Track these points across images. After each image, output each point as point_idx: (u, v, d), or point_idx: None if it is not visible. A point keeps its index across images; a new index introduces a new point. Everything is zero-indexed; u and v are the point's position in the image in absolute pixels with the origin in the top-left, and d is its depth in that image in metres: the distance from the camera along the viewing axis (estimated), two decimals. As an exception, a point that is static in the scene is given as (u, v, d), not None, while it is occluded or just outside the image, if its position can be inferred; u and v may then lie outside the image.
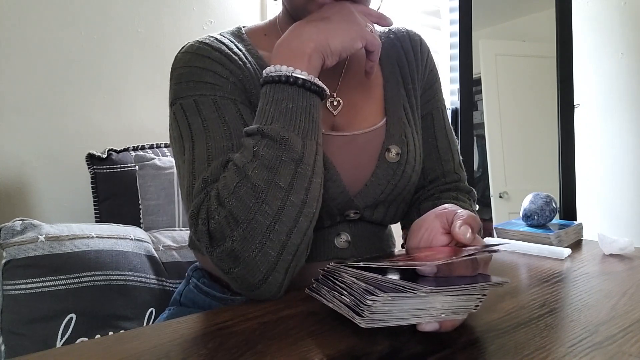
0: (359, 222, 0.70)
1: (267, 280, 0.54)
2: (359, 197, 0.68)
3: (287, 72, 0.57)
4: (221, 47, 0.67)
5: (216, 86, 0.63)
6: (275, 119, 0.55)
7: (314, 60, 0.58)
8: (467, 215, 0.51)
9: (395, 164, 0.69)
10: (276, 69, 0.57)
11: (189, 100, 0.63)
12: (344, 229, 0.69)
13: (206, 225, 0.53)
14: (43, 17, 1.20)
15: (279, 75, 0.57)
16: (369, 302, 0.41)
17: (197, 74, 0.64)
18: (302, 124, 0.56)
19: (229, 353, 0.43)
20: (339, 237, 0.69)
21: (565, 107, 1.81)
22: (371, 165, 0.68)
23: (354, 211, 0.68)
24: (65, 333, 0.85)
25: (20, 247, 0.87)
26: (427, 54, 0.80)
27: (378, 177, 0.68)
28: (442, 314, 0.44)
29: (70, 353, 0.44)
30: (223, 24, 1.49)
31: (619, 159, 2.12)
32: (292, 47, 0.58)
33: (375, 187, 0.68)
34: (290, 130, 0.55)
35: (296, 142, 0.55)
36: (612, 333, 0.47)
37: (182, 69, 0.65)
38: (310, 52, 0.58)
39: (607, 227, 2.10)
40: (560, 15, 1.82)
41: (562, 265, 0.74)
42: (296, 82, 0.56)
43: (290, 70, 0.57)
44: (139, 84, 1.35)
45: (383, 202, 0.70)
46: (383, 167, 0.68)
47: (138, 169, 1.16)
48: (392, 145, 0.69)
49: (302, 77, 0.57)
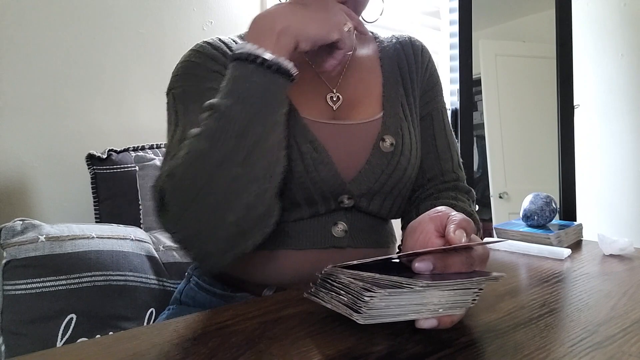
0: (356, 212, 0.71)
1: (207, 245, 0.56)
2: (353, 184, 0.69)
3: (249, 49, 0.57)
4: (221, 46, 0.71)
5: (205, 79, 0.67)
6: (229, 95, 0.56)
7: (283, 40, 0.58)
8: (460, 218, 0.51)
9: (390, 154, 0.70)
10: (241, 47, 0.58)
11: (179, 90, 0.68)
12: (341, 218, 0.70)
13: (158, 192, 0.56)
14: (43, 17, 1.20)
15: (241, 52, 0.57)
16: (366, 299, 0.41)
17: (191, 68, 0.69)
18: (255, 102, 0.56)
19: (229, 352, 0.43)
20: (336, 226, 0.70)
21: (565, 107, 1.81)
22: (365, 154, 0.70)
23: (348, 196, 0.69)
24: (65, 333, 0.85)
25: (21, 247, 0.87)
26: (428, 58, 0.82)
27: (372, 165, 0.69)
28: (440, 309, 0.44)
29: (70, 353, 0.44)
30: (223, 24, 1.50)
31: (619, 159, 2.12)
32: (262, 25, 0.59)
33: (369, 175, 0.69)
34: (240, 105, 0.55)
35: (241, 117, 0.55)
36: (612, 333, 0.47)
37: (181, 64, 0.71)
38: (280, 31, 0.57)
39: (607, 228, 2.10)
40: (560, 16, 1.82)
41: (562, 265, 0.74)
42: (255, 60, 0.56)
43: (254, 48, 0.57)
44: (139, 84, 1.35)
45: (379, 193, 0.71)
46: (377, 156, 0.70)
47: (138, 170, 1.16)
48: (386, 135, 0.71)
49: (263, 57, 0.56)
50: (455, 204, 0.71)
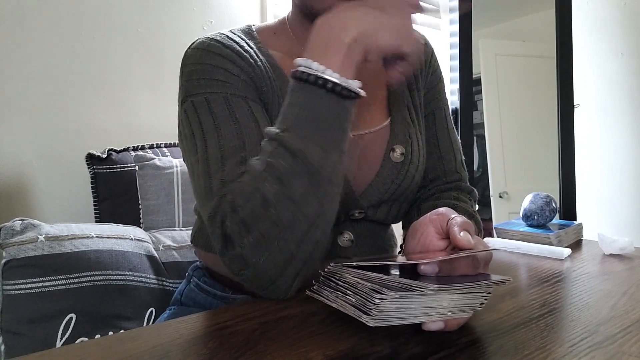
0: (362, 221, 0.70)
1: (276, 283, 0.54)
2: (364, 197, 0.68)
3: (316, 71, 0.50)
4: (232, 44, 0.65)
5: (227, 84, 0.62)
6: (296, 126, 0.51)
7: (352, 54, 0.51)
8: (462, 221, 0.50)
9: (400, 164, 0.69)
10: (306, 65, 0.51)
11: (200, 97, 0.61)
12: (347, 228, 0.69)
13: (220, 229, 0.53)
14: (43, 17, 1.20)
15: (307, 73, 0.51)
16: (376, 301, 0.41)
17: (209, 72, 0.62)
18: (325, 133, 0.51)
19: (229, 353, 0.43)
20: (342, 236, 0.69)
21: (565, 107, 1.81)
22: (376, 165, 0.68)
23: (359, 211, 0.68)
24: (65, 333, 0.85)
25: (20, 247, 0.87)
26: (431, 54, 0.80)
27: (382, 176, 0.68)
28: (449, 312, 0.44)
29: (70, 353, 0.44)
30: (223, 24, 1.49)
31: (619, 159, 2.12)
32: (330, 33, 0.51)
33: (380, 186, 0.68)
34: (310, 140, 0.51)
35: (314, 154, 0.51)
36: (612, 333, 0.47)
37: (193, 66, 0.64)
38: (350, 43, 0.50)
39: (607, 227, 2.10)
40: (560, 16, 1.82)
41: (562, 265, 0.74)
42: (325, 85, 0.50)
43: (321, 69, 0.50)
44: (139, 84, 1.35)
45: (386, 202, 0.70)
46: (388, 167, 0.68)
47: (138, 169, 1.16)
48: (396, 145, 0.69)
49: (333, 80, 0.50)
50: (457, 204, 0.71)
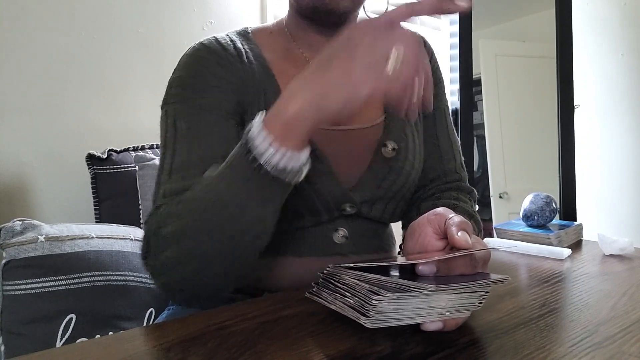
0: (357, 218, 0.70)
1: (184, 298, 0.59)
2: (355, 191, 0.68)
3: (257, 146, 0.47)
4: (219, 49, 0.67)
5: (203, 94, 0.63)
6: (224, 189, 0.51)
7: (295, 129, 0.47)
8: (459, 220, 0.50)
9: (392, 160, 0.69)
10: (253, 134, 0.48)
11: (171, 107, 0.64)
12: (342, 225, 0.69)
13: (147, 235, 0.56)
14: (43, 17, 1.20)
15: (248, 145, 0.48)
16: (374, 302, 0.41)
17: (187, 82, 0.64)
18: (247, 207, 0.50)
19: (229, 353, 0.43)
20: (337, 233, 0.69)
21: (565, 107, 1.81)
22: (366, 160, 0.69)
23: (350, 205, 0.68)
24: (65, 333, 0.85)
25: (20, 248, 0.87)
26: (430, 54, 0.80)
27: (374, 171, 0.68)
28: (447, 312, 0.44)
29: (70, 353, 0.44)
30: (223, 24, 1.49)
31: (619, 159, 2.12)
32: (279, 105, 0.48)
33: (371, 181, 0.68)
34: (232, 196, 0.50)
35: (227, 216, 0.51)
36: (612, 333, 0.47)
37: (176, 73, 0.66)
38: (288, 119, 0.47)
39: (607, 227, 2.10)
40: (560, 16, 1.82)
41: (562, 265, 0.74)
42: (260, 169, 0.48)
43: (263, 147, 0.47)
44: (139, 84, 1.35)
45: (381, 199, 0.70)
46: (379, 162, 0.69)
47: (138, 169, 1.16)
48: (388, 140, 0.69)
49: (261, 163, 0.47)
50: (456, 204, 0.71)
